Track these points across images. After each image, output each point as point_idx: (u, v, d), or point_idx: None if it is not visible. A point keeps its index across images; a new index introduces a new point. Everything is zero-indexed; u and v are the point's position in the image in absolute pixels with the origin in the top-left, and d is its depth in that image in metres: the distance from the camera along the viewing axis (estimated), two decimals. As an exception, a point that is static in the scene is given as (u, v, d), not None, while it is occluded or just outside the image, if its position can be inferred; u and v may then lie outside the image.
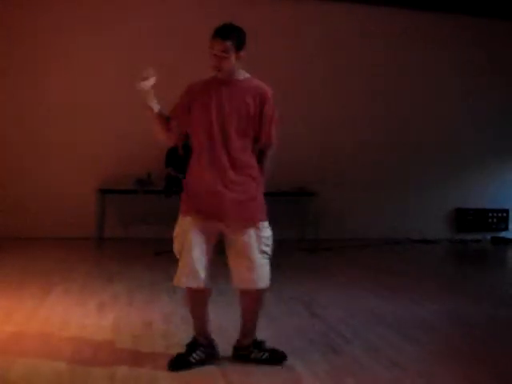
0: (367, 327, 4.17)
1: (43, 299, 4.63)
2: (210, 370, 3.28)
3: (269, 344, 3.49)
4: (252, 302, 3.41)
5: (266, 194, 3.37)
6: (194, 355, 3.32)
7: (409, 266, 6.91)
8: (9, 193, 7.65)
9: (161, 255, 6.39)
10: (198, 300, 3.37)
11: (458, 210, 9.09)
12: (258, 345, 3.46)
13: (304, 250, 7.58)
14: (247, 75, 3.36)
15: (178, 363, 3.28)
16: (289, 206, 8.29)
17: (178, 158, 7.03)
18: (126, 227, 7.95)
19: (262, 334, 3.60)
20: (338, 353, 3.60)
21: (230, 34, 3.18)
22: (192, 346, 3.37)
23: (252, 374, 3.25)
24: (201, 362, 3.32)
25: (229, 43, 3.17)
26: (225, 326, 3.90)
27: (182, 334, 3.44)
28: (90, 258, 6.74)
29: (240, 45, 3.22)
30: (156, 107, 3.28)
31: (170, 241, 3.33)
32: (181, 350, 3.40)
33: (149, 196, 7.63)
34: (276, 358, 3.40)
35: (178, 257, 3.31)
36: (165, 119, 3.32)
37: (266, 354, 3.41)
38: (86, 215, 7.70)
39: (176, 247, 3.32)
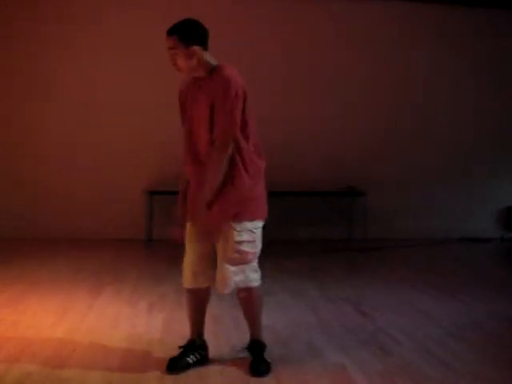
0: (417, 328, 4.11)
1: (94, 299, 4.72)
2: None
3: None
4: (241, 301, 3.34)
5: (316, 194, 3.35)
6: (192, 356, 3.30)
7: (459, 265, 6.78)
8: (60, 194, 7.81)
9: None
10: (195, 300, 3.39)
11: (510, 208, 8.89)
12: (253, 347, 3.35)
13: (352, 249, 7.52)
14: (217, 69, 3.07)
15: (177, 365, 3.24)
16: (337, 205, 8.24)
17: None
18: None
19: (310, 334, 3.59)
20: (388, 353, 3.56)
21: (175, 29, 3.04)
22: (189, 347, 3.35)
23: (302, 373, 3.23)
24: (197, 364, 3.29)
25: (174, 38, 3.03)
26: (272, 326, 3.90)
27: (232, 334, 3.44)
28: (139, 259, 6.82)
29: (188, 38, 3.03)
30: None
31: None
32: (229, 349, 3.43)
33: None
34: (254, 369, 3.22)
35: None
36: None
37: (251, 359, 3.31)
38: (135, 217, 7.81)
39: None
